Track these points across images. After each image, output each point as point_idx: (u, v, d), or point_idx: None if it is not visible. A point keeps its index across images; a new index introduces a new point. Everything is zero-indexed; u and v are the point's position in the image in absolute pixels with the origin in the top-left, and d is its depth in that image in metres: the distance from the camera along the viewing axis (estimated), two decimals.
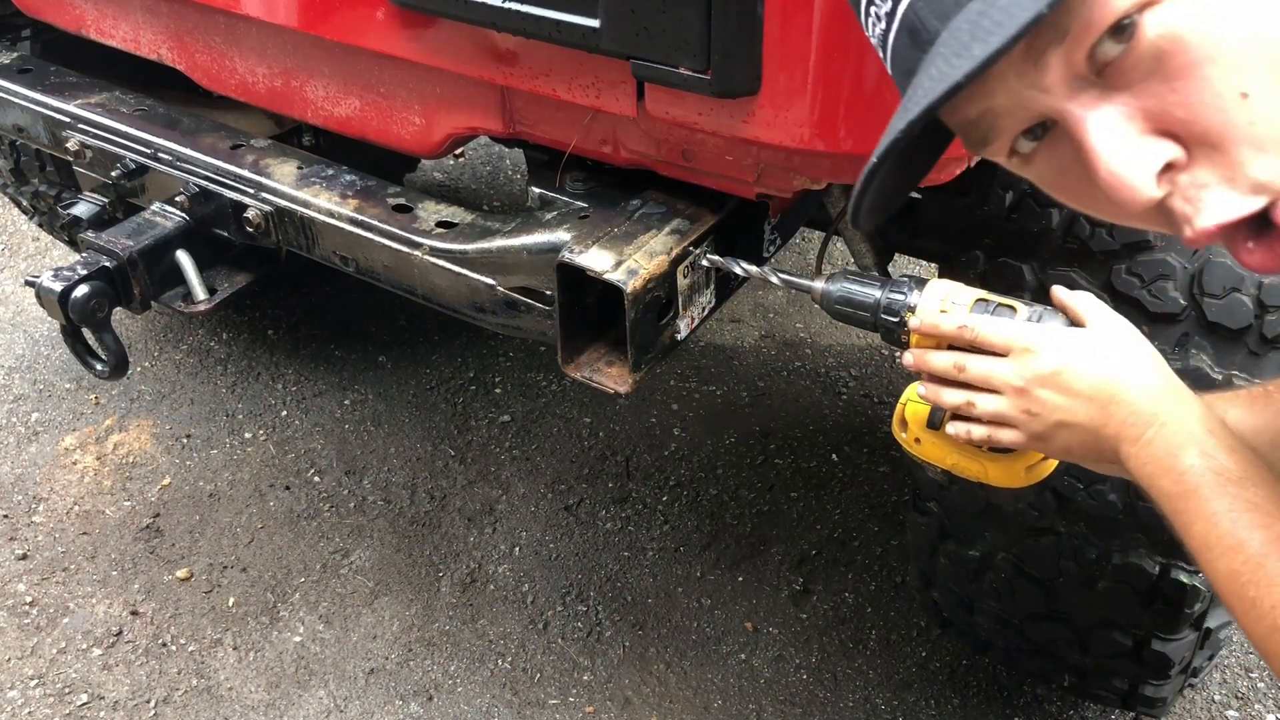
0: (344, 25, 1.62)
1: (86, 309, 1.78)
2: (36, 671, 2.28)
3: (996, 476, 1.24)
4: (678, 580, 2.47)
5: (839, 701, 2.21)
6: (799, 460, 2.75)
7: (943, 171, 1.35)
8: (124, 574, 2.49)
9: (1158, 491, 0.99)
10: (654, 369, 1.52)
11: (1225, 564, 0.91)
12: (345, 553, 2.54)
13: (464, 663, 2.30)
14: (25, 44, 2.39)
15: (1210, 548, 0.93)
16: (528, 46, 1.43)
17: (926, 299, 1.20)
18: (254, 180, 1.83)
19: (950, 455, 1.25)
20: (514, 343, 3.12)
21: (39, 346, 3.16)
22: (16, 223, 3.70)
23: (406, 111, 1.74)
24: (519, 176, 3.94)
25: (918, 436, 1.28)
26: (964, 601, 1.91)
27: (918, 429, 1.28)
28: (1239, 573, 0.89)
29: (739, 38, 1.21)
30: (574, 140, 1.56)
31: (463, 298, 1.65)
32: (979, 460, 1.24)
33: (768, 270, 1.43)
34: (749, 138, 1.32)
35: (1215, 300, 1.47)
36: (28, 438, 2.85)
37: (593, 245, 1.46)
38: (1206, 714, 2.18)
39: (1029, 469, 1.23)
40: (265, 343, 3.18)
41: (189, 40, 1.95)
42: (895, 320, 1.22)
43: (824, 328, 3.19)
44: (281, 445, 2.83)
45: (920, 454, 1.29)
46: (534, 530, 2.59)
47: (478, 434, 2.85)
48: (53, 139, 2.08)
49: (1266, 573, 0.87)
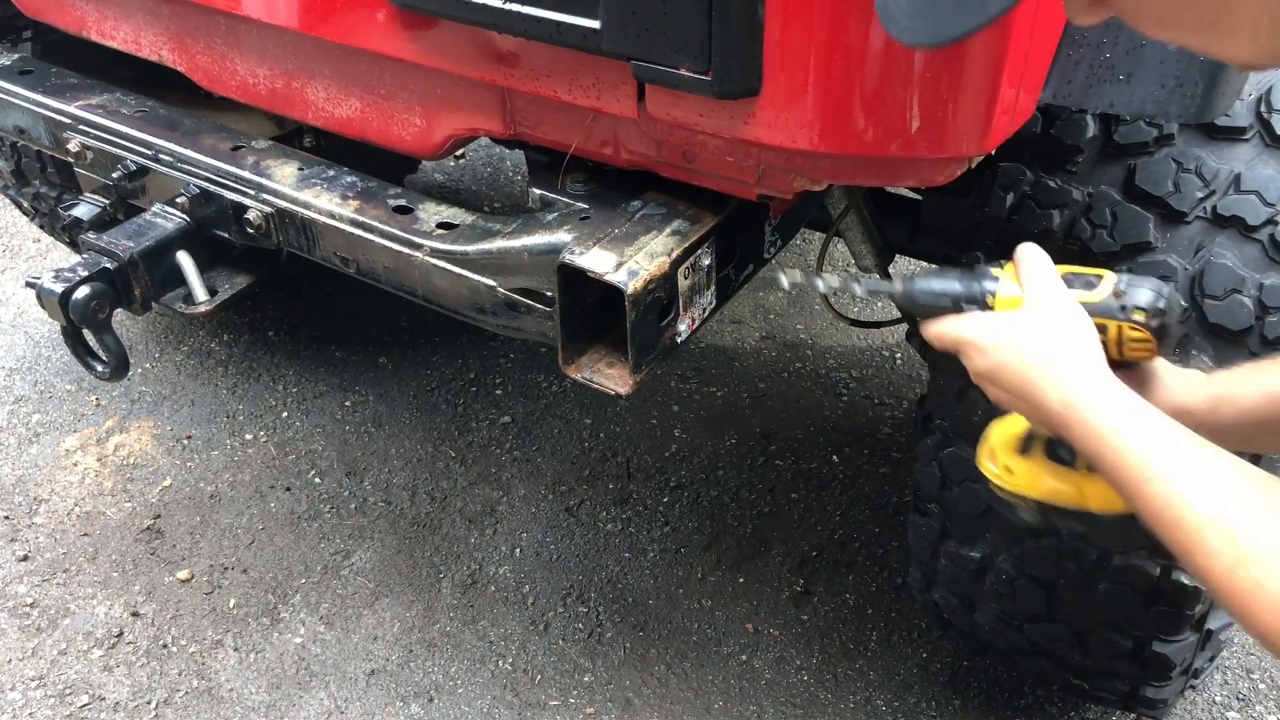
0: (345, 26, 1.62)
1: (87, 310, 1.78)
2: (37, 672, 2.28)
3: (1095, 499, 1.20)
4: (679, 581, 2.47)
5: (840, 703, 2.21)
6: (800, 462, 2.75)
7: (944, 173, 1.35)
8: (125, 575, 2.49)
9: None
10: (655, 370, 1.52)
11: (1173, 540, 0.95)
12: (346, 554, 2.54)
13: (465, 664, 2.29)
14: (26, 45, 2.40)
15: (1157, 525, 0.97)
16: (528, 48, 1.43)
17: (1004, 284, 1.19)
18: (255, 181, 1.83)
19: (1044, 481, 1.22)
20: (515, 344, 3.12)
21: (40, 348, 3.16)
22: (17, 224, 3.70)
23: (407, 113, 1.74)
24: (519, 178, 3.94)
25: (1008, 465, 1.25)
26: (965, 603, 1.91)
27: (1007, 456, 1.25)
28: (1187, 547, 0.93)
29: (740, 39, 1.21)
30: (575, 142, 1.56)
31: (463, 299, 1.65)
32: (1074, 481, 1.21)
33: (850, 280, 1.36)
34: (750, 139, 1.32)
35: (1216, 301, 1.47)
36: (29, 439, 2.85)
37: (594, 246, 1.46)
38: (1208, 715, 2.18)
39: None
40: (266, 344, 3.18)
41: (190, 41, 1.95)
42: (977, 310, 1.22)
43: (825, 329, 3.19)
44: (282, 446, 2.83)
45: (1013, 485, 1.25)
46: (535, 531, 2.59)
47: (478, 435, 2.85)
48: (54, 140, 2.08)
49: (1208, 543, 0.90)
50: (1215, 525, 0.90)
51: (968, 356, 1.16)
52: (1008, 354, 1.11)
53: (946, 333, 1.19)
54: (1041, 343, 1.10)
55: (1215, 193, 1.50)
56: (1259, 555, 0.87)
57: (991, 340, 1.13)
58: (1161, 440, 0.98)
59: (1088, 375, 1.06)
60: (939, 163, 1.33)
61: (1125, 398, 1.04)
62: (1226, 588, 0.89)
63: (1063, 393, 1.06)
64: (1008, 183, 1.63)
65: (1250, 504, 0.90)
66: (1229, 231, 1.49)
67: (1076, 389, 1.05)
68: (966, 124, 1.26)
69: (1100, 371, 1.07)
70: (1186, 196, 1.50)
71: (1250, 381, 1.18)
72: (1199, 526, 0.91)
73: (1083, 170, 1.59)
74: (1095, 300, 1.15)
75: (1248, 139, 1.53)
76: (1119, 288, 1.15)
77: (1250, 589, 0.86)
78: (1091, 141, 1.58)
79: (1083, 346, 1.09)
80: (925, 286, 1.26)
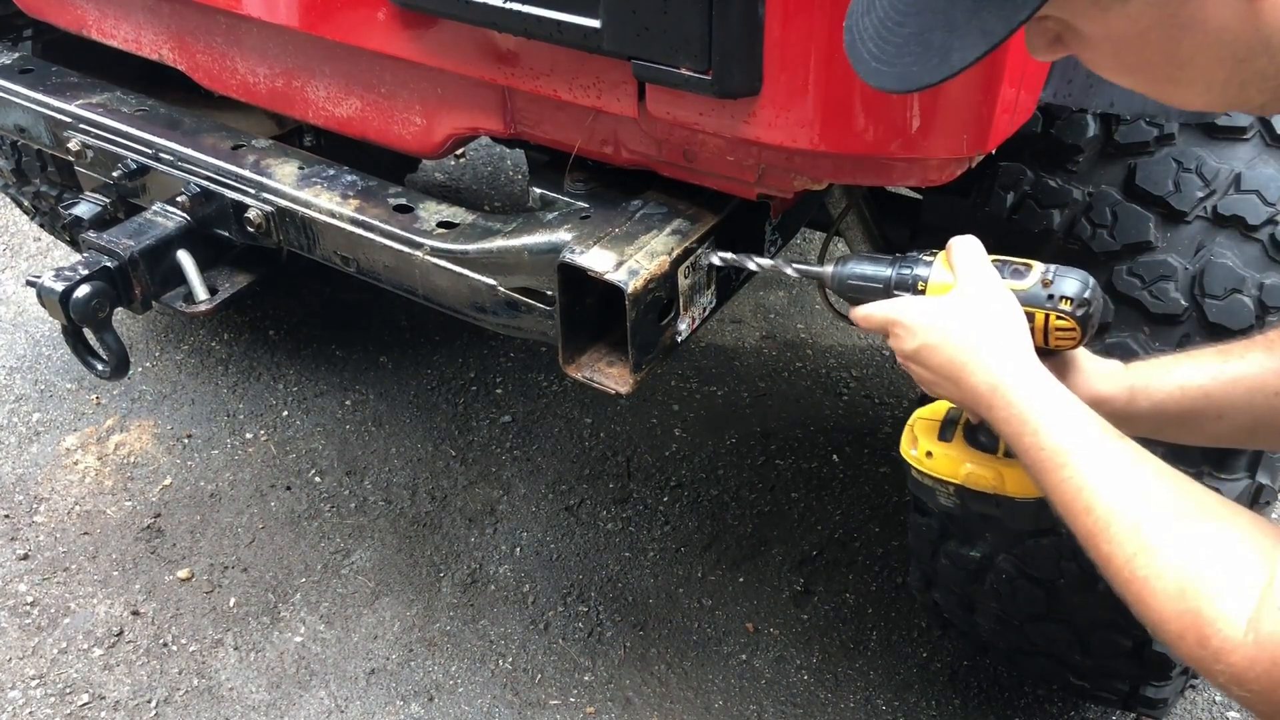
0: (345, 25, 1.62)
1: (88, 309, 1.78)
2: (38, 671, 2.28)
3: (1013, 483, 1.22)
4: (679, 581, 2.47)
5: (840, 702, 2.21)
6: (800, 461, 2.75)
7: (944, 172, 1.35)
8: (125, 574, 2.49)
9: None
10: (655, 369, 1.52)
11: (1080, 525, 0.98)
12: (346, 553, 2.54)
13: (465, 663, 2.30)
14: (27, 44, 2.40)
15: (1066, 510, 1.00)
16: (529, 47, 1.43)
17: (936, 270, 1.20)
18: (255, 180, 1.83)
19: (963, 466, 1.24)
20: (515, 343, 3.12)
21: (40, 347, 3.16)
22: (18, 223, 3.70)
23: (408, 112, 1.74)
24: (520, 177, 3.94)
25: (929, 450, 1.27)
26: (965, 602, 1.91)
27: (929, 442, 1.27)
28: (1092, 533, 0.96)
29: (740, 38, 1.21)
30: (577, 141, 1.56)
31: (464, 298, 1.65)
32: (994, 466, 1.22)
33: (779, 262, 1.43)
34: (750, 138, 1.32)
35: (1216, 301, 1.47)
36: (29, 438, 2.85)
37: (594, 246, 1.46)
38: (1208, 715, 2.18)
39: None
40: (266, 343, 3.18)
41: (190, 40, 1.95)
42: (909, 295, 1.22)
43: (825, 329, 3.19)
44: (283, 445, 2.83)
45: (932, 469, 1.27)
46: (535, 531, 2.59)
47: (479, 434, 2.85)
48: (54, 139, 2.08)
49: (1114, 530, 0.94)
50: (1122, 517, 0.93)
51: (896, 337, 1.18)
52: (936, 335, 1.13)
53: (875, 314, 1.21)
54: (971, 326, 1.12)
55: (1216, 192, 1.50)
56: (1159, 548, 0.90)
57: (921, 322, 1.15)
58: (1079, 429, 1.01)
59: (1015, 359, 1.09)
60: (939, 162, 1.33)
61: (1050, 385, 1.06)
62: (1124, 575, 0.92)
63: (989, 375, 1.08)
64: (1008, 182, 1.63)
65: (1158, 502, 0.93)
66: (1229, 231, 1.49)
67: (1004, 372, 1.08)
68: (967, 123, 1.26)
69: (1027, 357, 1.09)
70: (1187, 196, 1.50)
71: (1165, 374, 1.21)
72: (1107, 515, 0.94)
73: (1083, 170, 1.59)
74: (1023, 288, 1.17)
75: (1248, 139, 1.53)
76: (1046, 277, 1.17)
77: (1146, 577, 0.90)
78: (1092, 141, 1.58)
79: (1011, 332, 1.11)
80: (857, 270, 1.27)
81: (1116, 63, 0.89)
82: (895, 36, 0.86)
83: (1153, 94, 0.92)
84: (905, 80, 0.86)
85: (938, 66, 0.84)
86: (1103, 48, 0.87)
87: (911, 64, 0.85)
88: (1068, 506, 0.99)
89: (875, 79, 0.89)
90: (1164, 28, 0.82)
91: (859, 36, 0.90)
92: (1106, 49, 0.87)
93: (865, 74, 0.90)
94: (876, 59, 0.88)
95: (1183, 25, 0.81)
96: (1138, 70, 0.88)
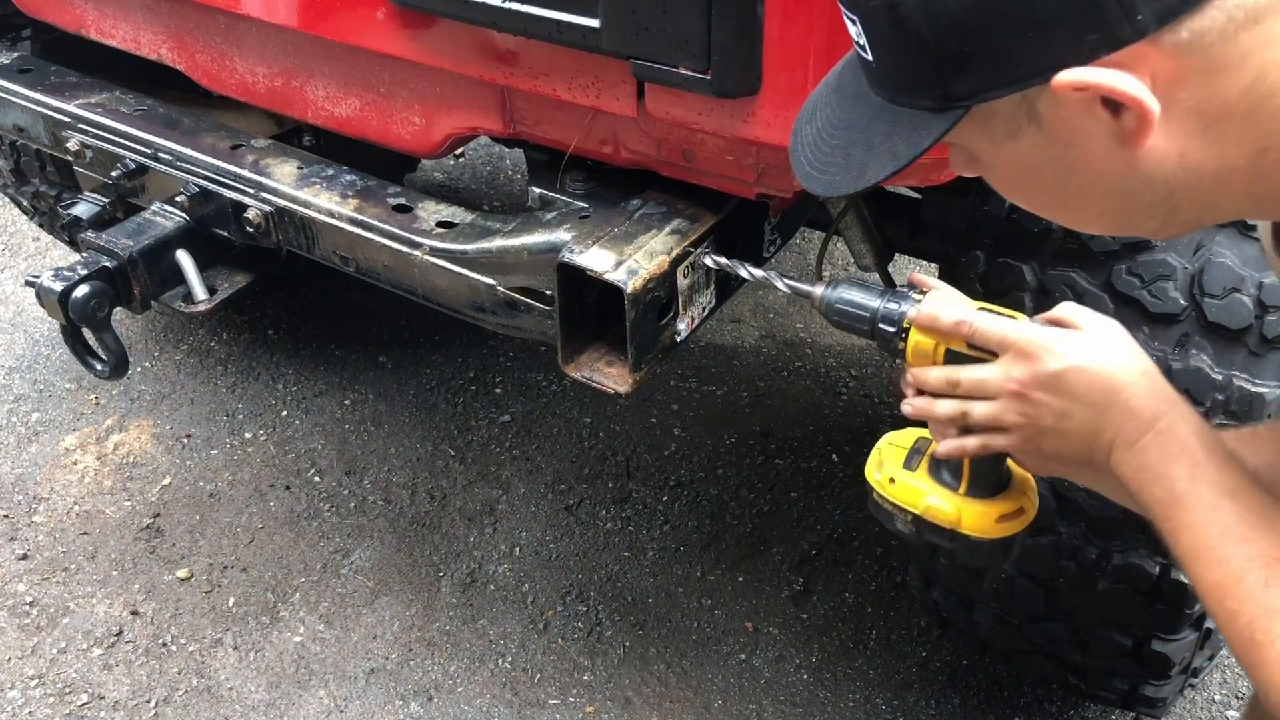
0: (344, 25, 1.62)
1: (87, 309, 1.78)
2: (37, 671, 2.28)
3: (970, 522, 1.21)
4: (678, 580, 2.47)
5: (839, 701, 2.21)
6: (799, 460, 2.75)
7: (943, 172, 1.35)
8: (124, 574, 2.49)
9: (1149, 498, 1.01)
10: (654, 369, 1.52)
11: (1209, 575, 0.93)
12: (345, 553, 2.54)
13: (464, 663, 2.30)
14: (25, 44, 2.40)
15: (1197, 558, 0.95)
16: (528, 46, 1.43)
17: (926, 305, 1.19)
18: (254, 180, 1.83)
19: (924, 498, 1.24)
20: (514, 343, 3.12)
21: (39, 346, 3.16)
22: (17, 223, 3.70)
23: (407, 111, 1.74)
24: (519, 176, 3.94)
25: (893, 476, 1.27)
26: (964, 601, 1.91)
27: (894, 469, 1.27)
28: (1221, 584, 0.92)
29: (739, 37, 1.22)
30: (575, 141, 1.56)
31: (463, 298, 1.65)
32: (954, 503, 1.22)
33: (772, 275, 1.42)
34: (749, 138, 1.32)
35: (1215, 300, 1.47)
36: (28, 438, 2.85)
37: (593, 245, 1.46)
38: (1207, 714, 2.18)
39: (1002, 518, 1.21)
40: (265, 343, 3.18)
41: (189, 40, 1.95)
42: (893, 330, 1.20)
43: (824, 328, 3.19)
44: (282, 445, 2.83)
45: (894, 495, 1.27)
46: (534, 530, 2.59)
47: (478, 434, 2.85)
48: (53, 139, 2.08)
49: (1245, 586, 0.90)
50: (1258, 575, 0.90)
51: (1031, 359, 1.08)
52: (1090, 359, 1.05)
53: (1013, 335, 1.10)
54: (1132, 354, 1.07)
55: None
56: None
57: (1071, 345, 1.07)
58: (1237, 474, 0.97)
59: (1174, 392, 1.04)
60: (939, 161, 1.33)
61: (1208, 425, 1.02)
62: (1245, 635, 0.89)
63: (1156, 400, 1.02)
64: None
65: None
66: (1228, 230, 1.49)
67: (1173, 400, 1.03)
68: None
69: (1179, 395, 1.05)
70: None
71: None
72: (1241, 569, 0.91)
73: None
74: None
75: None
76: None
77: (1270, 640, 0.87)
78: None
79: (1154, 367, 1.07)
80: (845, 296, 1.25)
81: (1015, 190, 0.94)
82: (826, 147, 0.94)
83: (1053, 218, 0.97)
84: (830, 187, 0.94)
85: (855, 179, 0.91)
86: (1004, 176, 0.92)
87: (835, 174, 0.92)
88: (1197, 549, 0.94)
89: (807, 182, 0.96)
90: (1052, 165, 0.86)
91: (801, 141, 0.98)
92: (1007, 177, 0.92)
93: (801, 176, 0.97)
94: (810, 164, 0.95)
95: (1069, 165, 0.85)
96: (1035, 196, 0.93)
